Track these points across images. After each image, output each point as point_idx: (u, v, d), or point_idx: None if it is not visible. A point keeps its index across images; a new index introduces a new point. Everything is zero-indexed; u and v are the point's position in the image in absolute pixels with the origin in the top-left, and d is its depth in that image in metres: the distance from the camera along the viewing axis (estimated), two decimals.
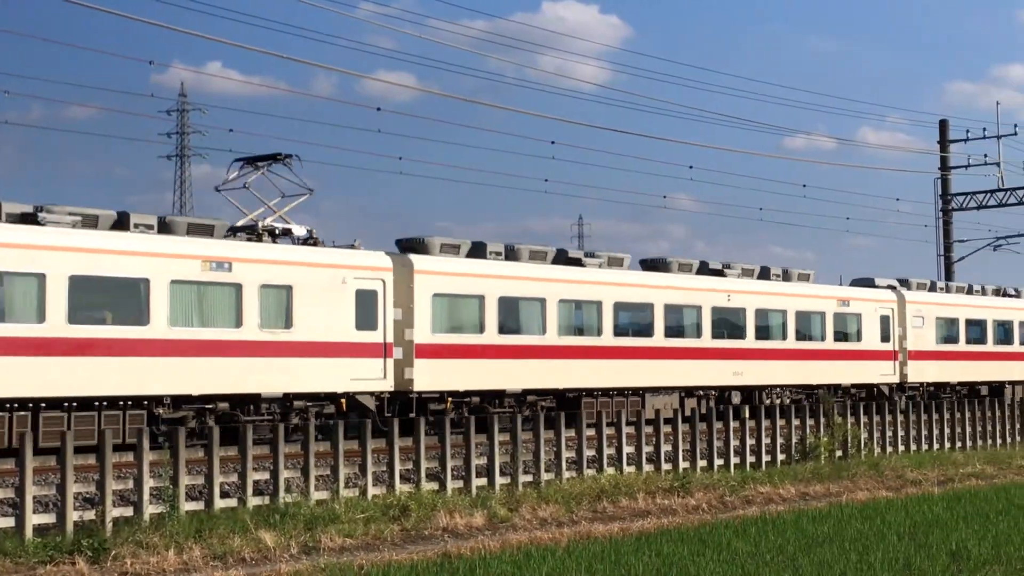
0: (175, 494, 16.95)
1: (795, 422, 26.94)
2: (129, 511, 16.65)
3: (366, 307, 25.90)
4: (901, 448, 29.47)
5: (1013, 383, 43.40)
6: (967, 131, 52.88)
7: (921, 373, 39.93)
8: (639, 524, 18.87)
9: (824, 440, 26.90)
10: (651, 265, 33.62)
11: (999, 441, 32.82)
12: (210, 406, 23.80)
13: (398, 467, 19.83)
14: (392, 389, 26.35)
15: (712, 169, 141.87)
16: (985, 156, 51.99)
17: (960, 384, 41.48)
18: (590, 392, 30.24)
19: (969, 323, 42.02)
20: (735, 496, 22.24)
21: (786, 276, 36.95)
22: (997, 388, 42.66)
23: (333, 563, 15.01)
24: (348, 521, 17.27)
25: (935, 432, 30.92)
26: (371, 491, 19.15)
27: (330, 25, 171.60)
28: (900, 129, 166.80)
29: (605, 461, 22.86)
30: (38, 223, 22.01)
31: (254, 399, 24.37)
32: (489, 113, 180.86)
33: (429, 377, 26.97)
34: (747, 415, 26.72)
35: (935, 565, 14.45)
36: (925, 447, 30.26)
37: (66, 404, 21.95)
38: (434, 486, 20.03)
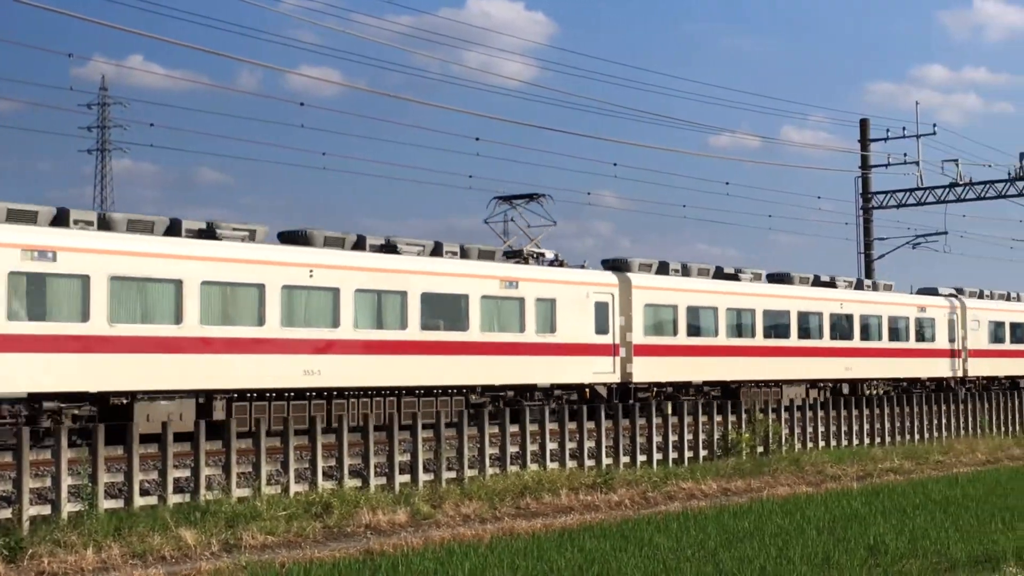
0: (94, 492, 16.76)
1: (717, 418, 27.16)
2: (47, 509, 16.42)
3: (601, 315, 32.35)
4: (821, 444, 29.81)
5: None
6: (887, 130, 53.46)
7: (978, 368, 46.79)
8: (562, 520, 18.93)
9: (745, 436, 27.15)
10: (777, 278, 39.77)
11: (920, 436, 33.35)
12: (501, 394, 29.54)
13: (321, 464, 19.73)
14: (619, 381, 32.56)
15: (637, 167, 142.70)
16: (905, 155, 52.61)
17: (1006, 377, 48.36)
18: (745, 384, 36.56)
19: (1013, 326, 49.04)
20: (657, 492, 22.37)
21: (875, 287, 43.84)
22: None
23: (254, 561, 14.91)
24: (270, 518, 17.15)
25: (855, 428, 31.36)
26: (293, 488, 19.04)
27: (253, 19, 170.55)
28: (822, 128, 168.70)
29: (529, 457, 22.90)
30: (397, 252, 28.10)
31: (531, 388, 30.24)
32: (414, 109, 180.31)
33: (643, 371, 33.30)
34: (669, 411, 27.12)
35: (853, 559, 14.63)
36: (845, 443, 30.64)
37: (416, 391, 27.73)
38: (357, 483, 19.98)
